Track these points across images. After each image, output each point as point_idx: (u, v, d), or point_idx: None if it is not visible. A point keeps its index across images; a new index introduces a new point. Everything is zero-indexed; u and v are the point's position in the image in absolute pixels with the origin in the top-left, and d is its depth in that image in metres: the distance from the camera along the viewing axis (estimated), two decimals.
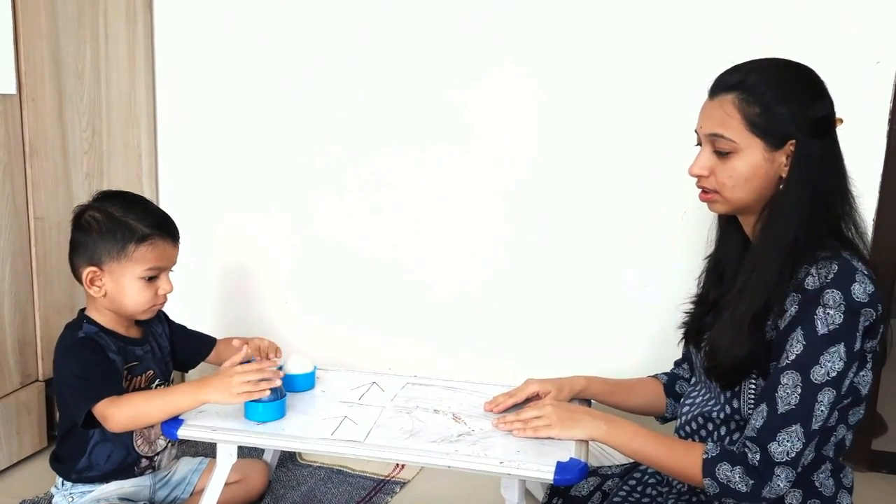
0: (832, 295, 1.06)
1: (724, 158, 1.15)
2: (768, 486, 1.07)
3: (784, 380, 1.08)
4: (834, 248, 1.11)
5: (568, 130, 1.96)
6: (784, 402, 1.08)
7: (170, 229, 1.47)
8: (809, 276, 1.08)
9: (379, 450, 1.28)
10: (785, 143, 1.12)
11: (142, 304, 1.45)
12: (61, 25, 1.86)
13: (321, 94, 2.10)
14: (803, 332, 1.07)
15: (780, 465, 1.07)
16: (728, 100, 1.14)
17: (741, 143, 1.13)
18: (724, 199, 1.18)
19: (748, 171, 1.14)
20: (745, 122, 1.13)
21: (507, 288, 2.07)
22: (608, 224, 1.97)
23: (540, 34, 1.93)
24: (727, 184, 1.16)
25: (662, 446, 1.18)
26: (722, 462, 1.10)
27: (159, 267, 1.44)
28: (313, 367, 1.54)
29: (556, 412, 1.26)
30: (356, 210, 2.14)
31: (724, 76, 1.17)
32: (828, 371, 1.06)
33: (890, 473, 1.96)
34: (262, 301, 2.26)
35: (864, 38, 1.74)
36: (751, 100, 1.12)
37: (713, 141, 1.16)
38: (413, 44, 2.02)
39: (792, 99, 1.12)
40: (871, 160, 1.78)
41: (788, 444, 1.07)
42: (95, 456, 1.48)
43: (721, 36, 1.81)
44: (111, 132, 2.05)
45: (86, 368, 1.39)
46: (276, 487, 1.77)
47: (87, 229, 1.42)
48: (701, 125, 1.19)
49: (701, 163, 1.18)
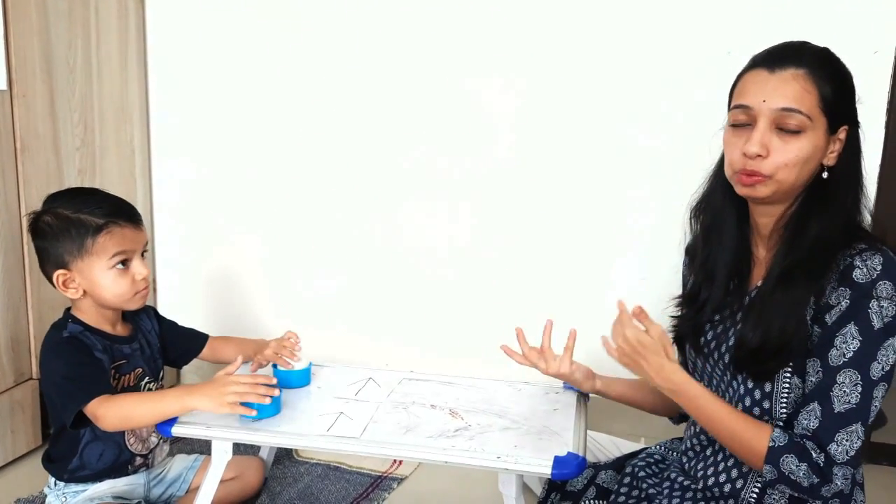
0: (885, 286, 1.04)
1: (789, 137, 1.08)
2: (829, 486, 1.06)
3: (841, 378, 1.05)
4: (867, 239, 1.09)
5: (559, 124, 1.94)
6: (842, 402, 1.05)
7: (125, 213, 1.43)
8: (857, 269, 1.05)
9: (375, 446, 1.27)
10: (839, 129, 1.10)
11: (123, 294, 1.43)
12: (52, 21, 1.84)
13: (315, 90, 2.09)
14: (858, 327, 1.04)
15: (839, 465, 1.05)
16: (801, 74, 1.08)
17: (814, 120, 1.08)
18: (774, 182, 1.10)
19: (811, 151, 1.09)
20: (819, 99, 1.08)
21: (504, 285, 2.06)
22: (605, 219, 1.96)
23: (529, 30, 1.92)
24: (788, 164, 1.08)
25: (731, 413, 1.13)
26: (789, 454, 1.07)
27: (124, 252, 1.41)
28: (308, 363, 1.53)
29: (653, 348, 1.15)
30: (351, 206, 2.13)
31: (790, 51, 1.11)
32: (883, 366, 1.04)
33: (890, 466, 1.95)
34: (256, 298, 2.24)
35: (862, 27, 1.72)
36: (826, 77, 1.08)
37: (781, 117, 1.08)
38: (401, 43, 2.00)
39: (848, 84, 1.11)
40: (868, 150, 1.75)
41: (848, 443, 1.05)
42: (87, 455, 1.47)
43: (717, 26, 1.80)
44: (104, 128, 2.03)
45: (73, 369, 1.37)
46: (272, 484, 1.76)
47: (43, 234, 1.40)
48: (764, 98, 1.09)
49: (762, 140, 1.08)
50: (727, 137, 1.16)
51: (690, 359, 1.30)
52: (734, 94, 1.16)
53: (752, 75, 1.12)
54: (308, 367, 1.52)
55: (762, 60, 1.12)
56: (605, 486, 1.34)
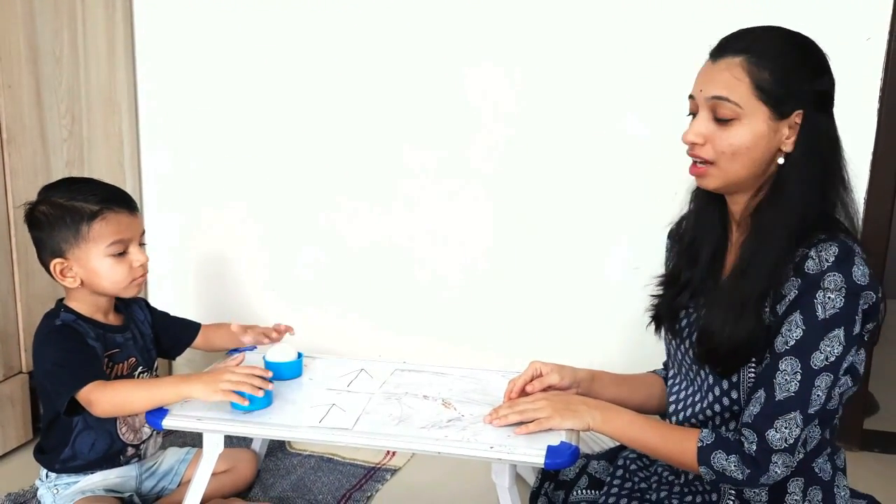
0: (833, 278, 1.03)
1: (724, 126, 1.08)
2: (766, 474, 1.06)
3: (783, 366, 1.05)
4: (830, 230, 1.07)
5: (550, 113, 1.93)
6: (783, 389, 1.05)
7: (120, 200, 1.43)
8: (810, 260, 1.04)
9: (367, 437, 1.26)
10: (791, 114, 1.08)
11: (120, 282, 1.42)
12: (37, 10, 1.81)
13: (304, 80, 2.07)
14: (802, 316, 1.04)
15: (777, 453, 1.05)
16: (736, 62, 1.07)
17: (746, 108, 1.07)
18: (718, 172, 1.11)
19: (750, 139, 1.08)
20: (753, 87, 1.07)
21: (497, 275, 2.06)
22: (598, 209, 1.96)
23: (523, 26, 1.90)
24: (726, 153, 1.09)
25: (658, 434, 1.15)
26: (717, 451, 1.08)
27: (121, 240, 1.41)
28: (300, 354, 1.52)
29: (551, 404, 1.22)
30: (344, 197, 2.11)
31: (732, 39, 1.11)
32: (827, 356, 1.04)
33: (882, 452, 1.96)
34: (246, 288, 2.23)
35: (854, 14, 1.72)
36: (761, 64, 1.07)
37: (714, 105, 1.09)
38: (396, 39, 1.99)
39: (802, 67, 1.08)
40: (861, 139, 1.77)
41: (786, 430, 1.05)
42: (79, 445, 1.46)
43: (709, 14, 1.78)
44: (91, 119, 2.01)
45: (65, 355, 1.37)
46: (265, 477, 1.75)
47: (39, 224, 1.40)
48: (701, 88, 1.11)
49: (697, 129, 1.10)
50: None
51: (666, 340, 1.30)
52: None
53: (703, 65, 1.14)
54: (300, 359, 1.51)
55: (712, 50, 1.13)
56: (597, 476, 1.34)
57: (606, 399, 1.29)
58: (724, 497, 1.16)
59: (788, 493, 1.13)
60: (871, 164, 1.78)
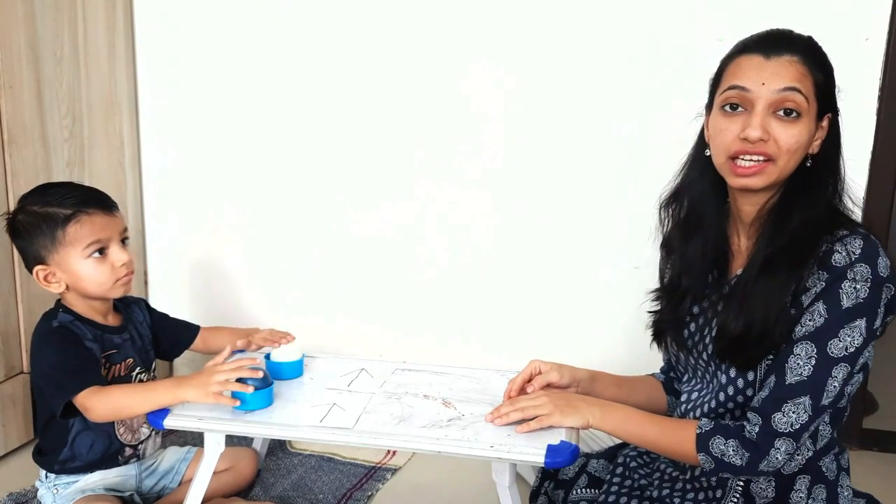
0: (861, 269, 1.03)
1: (788, 122, 1.06)
2: (766, 458, 1.04)
3: (797, 350, 1.04)
4: (848, 225, 1.09)
5: (546, 115, 1.94)
6: (794, 373, 1.04)
7: (94, 201, 1.42)
8: (836, 253, 1.04)
9: (368, 436, 1.27)
10: (823, 117, 1.10)
11: (104, 283, 1.42)
12: (38, 10, 1.81)
13: (304, 81, 2.07)
14: (826, 305, 1.03)
15: (781, 437, 1.04)
16: (796, 60, 1.06)
17: (810, 104, 1.06)
18: (775, 170, 1.08)
19: (807, 137, 1.07)
20: (813, 85, 1.07)
21: (497, 275, 2.06)
22: (598, 209, 1.96)
23: (523, 27, 1.90)
24: (790, 149, 1.06)
25: (656, 426, 1.16)
26: (716, 436, 1.08)
27: (99, 240, 1.40)
28: (301, 354, 1.52)
29: (551, 400, 1.22)
30: (344, 198, 2.12)
31: (783, 38, 1.09)
32: (846, 346, 1.03)
33: (880, 451, 1.97)
34: (247, 289, 2.23)
35: (853, 14, 1.72)
36: (818, 64, 1.08)
37: (783, 99, 1.05)
38: (396, 38, 1.99)
39: (832, 74, 1.11)
40: (860, 138, 1.77)
41: (794, 415, 1.03)
42: (77, 446, 1.46)
43: (706, 13, 1.79)
44: (92, 119, 2.01)
45: (63, 359, 1.37)
46: (265, 476, 1.75)
47: (19, 233, 1.41)
48: (763, 81, 1.06)
49: (763, 124, 1.06)
50: (717, 123, 1.12)
51: (673, 352, 1.29)
52: (724, 76, 1.12)
53: (746, 59, 1.09)
54: (300, 359, 1.51)
55: (755, 45, 1.10)
56: (596, 475, 1.34)
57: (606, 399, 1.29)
58: (730, 493, 1.16)
59: (794, 490, 1.13)
60: (871, 163, 1.78)
